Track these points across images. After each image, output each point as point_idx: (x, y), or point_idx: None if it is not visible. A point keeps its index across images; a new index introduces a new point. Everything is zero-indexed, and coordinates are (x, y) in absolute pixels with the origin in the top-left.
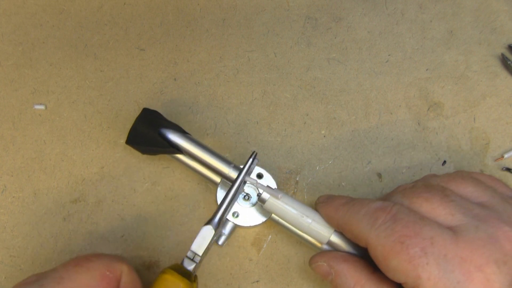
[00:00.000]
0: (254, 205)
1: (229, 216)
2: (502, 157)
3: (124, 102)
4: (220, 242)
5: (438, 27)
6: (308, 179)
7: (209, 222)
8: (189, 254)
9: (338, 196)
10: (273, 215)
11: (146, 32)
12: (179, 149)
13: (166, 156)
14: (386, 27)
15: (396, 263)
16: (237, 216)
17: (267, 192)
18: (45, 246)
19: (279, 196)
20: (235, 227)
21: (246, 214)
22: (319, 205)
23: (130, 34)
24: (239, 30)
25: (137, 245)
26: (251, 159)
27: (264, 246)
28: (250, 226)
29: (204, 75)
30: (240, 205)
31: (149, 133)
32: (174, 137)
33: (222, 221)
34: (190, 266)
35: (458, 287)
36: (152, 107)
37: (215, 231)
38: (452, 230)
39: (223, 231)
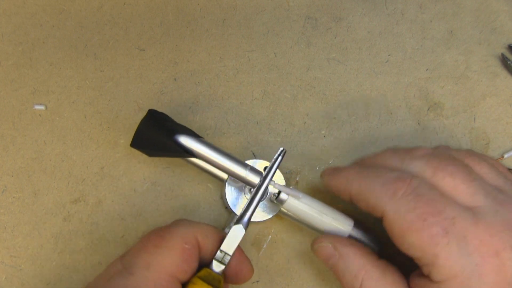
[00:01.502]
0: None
1: (239, 213)
2: (502, 157)
3: (124, 102)
4: None
5: (438, 27)
6: (308, 179)
7: (238, 222)
8: (217, 255)
9: (346, 167)
10: (282, 209)
11: (146, 32)
12: (193, 154)
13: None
14: (386, 27)
15: (415, 239)
16: None
17: (287, 193)
18: (45, 246)
19: (300, 196)
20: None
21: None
22: (327, 177)
23: (130, 34)
24: (239, 30)
25: None
26: (280, 157)
27: (264, 246)
28: (257, 222)
29: (204, 75)
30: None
31: (161, 139)
32: (188, 143)
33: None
34: (219, 269)
35: (474, 270)
36: (152, 107)
37: (246, 230)
38: (472, 211)
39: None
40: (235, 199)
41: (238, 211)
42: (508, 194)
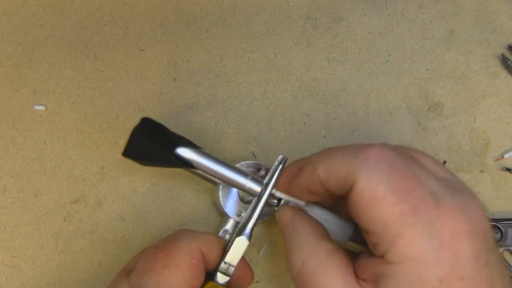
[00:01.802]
0: None
1: (233, 215)
2: (502, 157)
3: (124, 103)
4: None
5: (438, 27)
6: None
7: (241, 233)
8: (221, 267)
9: (302, 158)
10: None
11: (146, 32)
12: (192, 166)
13: None
14: (386, 27)
15: (381, 214)
16: (240, 214)
17: (289, 201)
18: (45, 246)
19: (302, 204)
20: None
21: None
22: (295, 181)
23: (130, 35)
24: (239, 30)
25: (137, 246)
26: (281, 165)
27: (264, 246)
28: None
29: (204, 75)
30: (244, 203)
31: (160, 151)
32: (189, 155)
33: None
34: (224, 281)
35: (432, 254)
36: (152, 107)
37: (249, 241)
38: (433, 194)
39: (227, 229)
40: (228, 200)
41: (231, 212)
42: (456, 184)
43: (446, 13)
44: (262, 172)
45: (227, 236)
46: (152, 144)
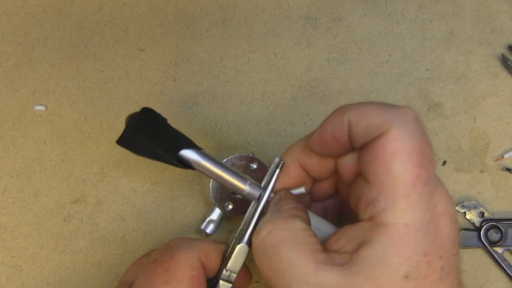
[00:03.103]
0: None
1: (222, 207)
2: (502, 157)
3: (125, 103)
4: (208, 231)
5: (438, 27)
6: None
7: (241, 241)
8: (223, 275)
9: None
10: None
11: (146, 32)
12: (192, 167)
13: None
14: (386, 27)
15: (400, 168)
16: (228, 205)
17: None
18: (45, 246)
19: (303, 190)
20: (225, 216)
21: (237, 204)
22: (319, 127)
23: (130, 35)
24: (239, 30)
25: (137, 246)
26: (278, 170)
27: None
28: (241, 216)
29: (204, 75)
30: (232, 195)
31: (160, 151)
32: (190, 157)
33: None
34: None
35: (423, 225)
36: (152, 107)
37: (250, 248)
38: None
39: (214, 219)
40: (218, 190)
41: (219, 203)
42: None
43: (446, 13)
44: (254, 166)
45: (212, 225)
46: (151, 140)
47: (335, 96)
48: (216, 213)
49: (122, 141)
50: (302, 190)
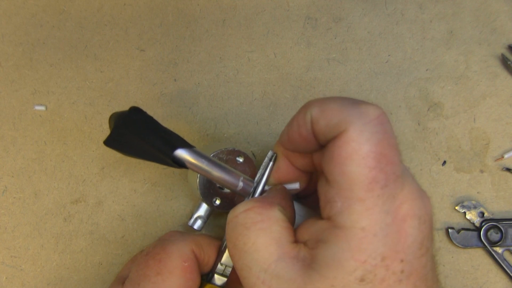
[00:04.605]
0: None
1: (209, 202)
2: (502, 157)
3: (125, 103)
4: (196, 226)
5: (438, 27)
6: None
7: None
8: (218, 269)
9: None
10: None
11: (146, 32)
12: (184, 166)
13: None
14: (386, 27)
15: (355, 171)
16: (216, 200)
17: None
18: (46, 246)
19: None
20: (213, 211)
21: (225, 199)
22: (287, 124)
23: (130, 35)
24: (239, 30)
25: (137, 246)
26: (271, 162)
27: None
28: (229, 211)
29: (204, 75)
30: (219, 190)
31: (152, 150)
32: (183, 156)
33: None
34: (221, 282)
35: (382, 229)
36: (152, 107)
37: None
38: (401, 173)
39: (201, 215)
40: (207, 190)
41: (207, 201)
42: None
43: (446, 13)
44: (241, 159)
45: (199, 221)
46: (143, 140)
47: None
48: (203, 209)
49: (110, 142)
50: (296, 186)
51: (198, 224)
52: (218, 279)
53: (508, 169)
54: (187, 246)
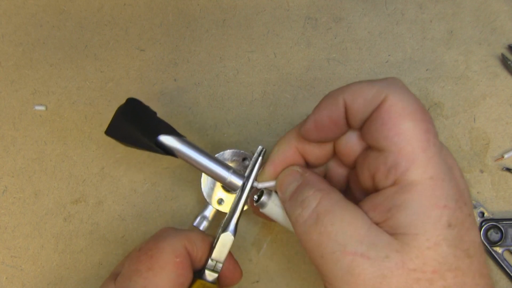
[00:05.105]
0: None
1: (214, 203)
2: (502, 157)
3: None
4: (201, 228)
5: (438, 27)
6: None
7: (225, 229)
8: (209, 264)
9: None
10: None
11: (146, 32)
12: (174, 155)
13: (167, 156)
14: (386, 27)
15: (410, 126)
16: (221, 203)
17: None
18: (46, 246)
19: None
20: (219, 213)
21: (230, 201)
22: (313, 112)
23: (130, 35)
24: (239, 30)
25: (137, 246)
26: (260, 157)
27: (264, 246)
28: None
29: (204, 75)
30: (225, 192)
31: (141, 137)
32: (170, 143)
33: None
34: (213, 278)
35: (448, 174)
36: (152, 107)
37: (234, 237)
38: None
39: (206, 215)
40: (210, 187)
41: (211, 199)
42: None
43: (446, 13)
44: (247, 162)
45: (205, 222)
46: (134, 127)
47: None
48: (209, 210)
49: (110, 131)
50: (272, 184)
51: (203, 225)
52: (209, 275)
53: (508, 169)
54: (180, 242)
